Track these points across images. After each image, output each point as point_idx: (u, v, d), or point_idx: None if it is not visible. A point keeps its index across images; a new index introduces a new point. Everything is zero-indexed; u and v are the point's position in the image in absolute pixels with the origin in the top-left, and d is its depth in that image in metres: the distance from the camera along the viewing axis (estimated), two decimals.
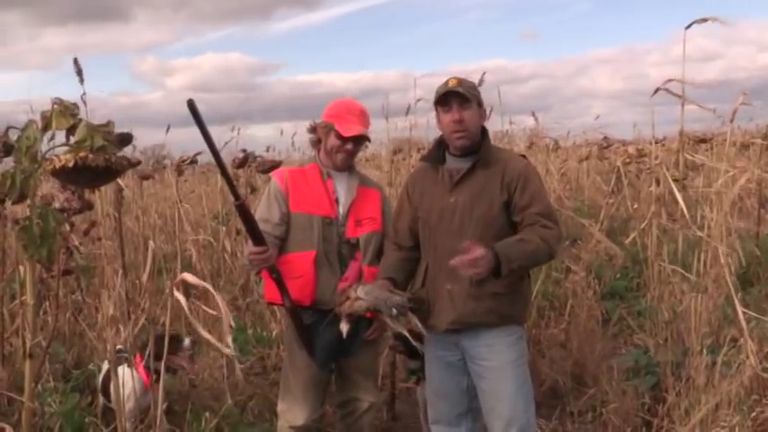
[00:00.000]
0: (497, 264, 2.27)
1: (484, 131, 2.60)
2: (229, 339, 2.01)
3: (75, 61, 2.78)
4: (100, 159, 1.53)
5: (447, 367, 2.61)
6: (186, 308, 1.91)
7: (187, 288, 2.51)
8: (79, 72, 2.78)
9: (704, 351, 3.04)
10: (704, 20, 3.26)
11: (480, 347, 2.50)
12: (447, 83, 2.51)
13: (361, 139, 2.78)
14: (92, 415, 3.17)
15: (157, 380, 2.46)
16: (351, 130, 2.70)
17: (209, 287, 1.99)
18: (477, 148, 2.53)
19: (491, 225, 2.44)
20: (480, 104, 2.58)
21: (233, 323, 2.48)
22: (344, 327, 2.53)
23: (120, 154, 1.60)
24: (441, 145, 2.62)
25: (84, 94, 2.81)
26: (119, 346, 2.59)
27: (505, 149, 2.86)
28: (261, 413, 3.57)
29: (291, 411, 2.80)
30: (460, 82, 2.51)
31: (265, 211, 2.75)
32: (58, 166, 1.53)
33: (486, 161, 2.50)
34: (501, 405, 2.47)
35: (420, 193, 2.63)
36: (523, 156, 2.69)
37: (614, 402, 3.39)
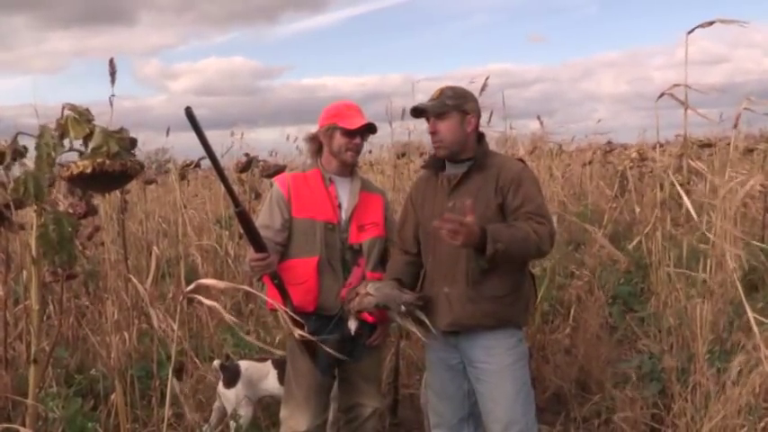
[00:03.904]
0: (483, 242, 2.23)
1: (481, 137, 2.61)
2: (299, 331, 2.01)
3: (111, 62, 2.74)
4: (117, 165, 1.54)
5: (448, 370, 2.62)
6: (226, 315, 1.88)
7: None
8: (113, 73, 2.75)
9: (713, 357, 3.02)
10: (710, 23, 3.20)
11: (478, 350, 2.50)
12: (433, 94, 2.56)
13: (366, 132, 2.77)
14: (94, 420, 3.17)
15: None
16: (356, 123, 2.70)
17: (246, 287, 1.98)
18: (474, 153, 2.55)
19: None
20: (466, 112, 2.54)
21: (297, 318, 2.51)
22: (353, 324, 2.53)
23: (133, 158, 1.60)
24: None
25: (113, 95, 2.78)
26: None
27: (502, 154, 2.87)
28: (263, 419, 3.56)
29: (294, 417, 2.79)
30: (441, 92, 2.54)
31: (267, 217, 2.74)
32: (75, 173, 1.54)
33: (482, 166, 2.52)
34: (498, 408, 2.46)
35: (421, 201, 2.66)
36: (521, 160, 2.69)
37: (620, 409, 3.37)
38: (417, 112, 2.56)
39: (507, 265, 2.41)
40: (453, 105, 2.51)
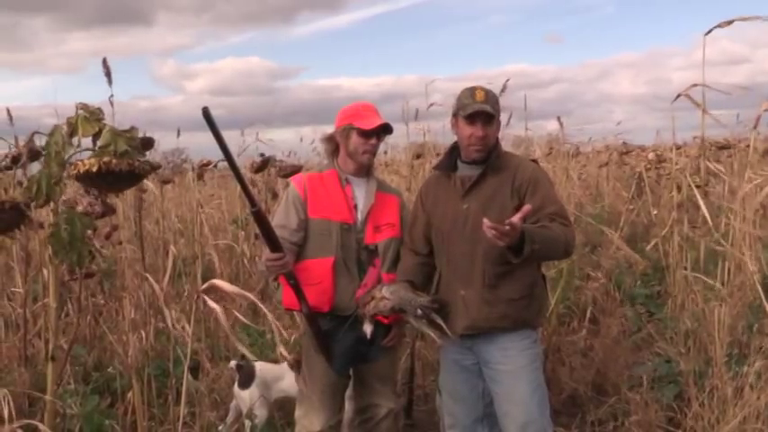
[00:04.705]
0: (521, 242, 2.22)
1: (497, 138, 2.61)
2: (282, 349, 2.04)
3: (104, 62, 2.77)
4: (123, 164, 1.55)
5: (462, 371, 2.61)
6: (223, 320, 1.91)
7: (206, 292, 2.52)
8: (108, 73, 2.78)
9: (732, 361, 2.98)
10: (729, 22, 3.16)
11: (494, 351, 2.50)
12: (474, 95, 2.49)
13: (382, 133, 2.76)
14: (111, 417, 3.19)
15: None
16: (372, 123, 2.70)
17: (252, 297, 1.99)
18: (488, 155, 2.53)
19: None
20: (498, 117, 2.58)
21: (285, 334, 2.51)
22: (368, 327, 2.53)
23: (143, 158, 1.61)
24: (453, 152, 2.62)
25: (112, 96, 2.82)
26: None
27: (516, 155, 2.85)
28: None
29: (308, 417, 2.80)
30: (487, 96, 2.50)
31: (283, 217, 2.75)
32: (82, 171, 1.55)
33: (497, 167, 2.50)
34: (516, 409, 2.46)
35: (433, 201, 2.64)
36: (534, 160, 2.68)
37: (636, 412, 3.34)
38: (482, 114, 2.46)
39: (525, 267, 2.40)
40: (498, 111, 2.54)
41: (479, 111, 2.46)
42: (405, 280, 2.58)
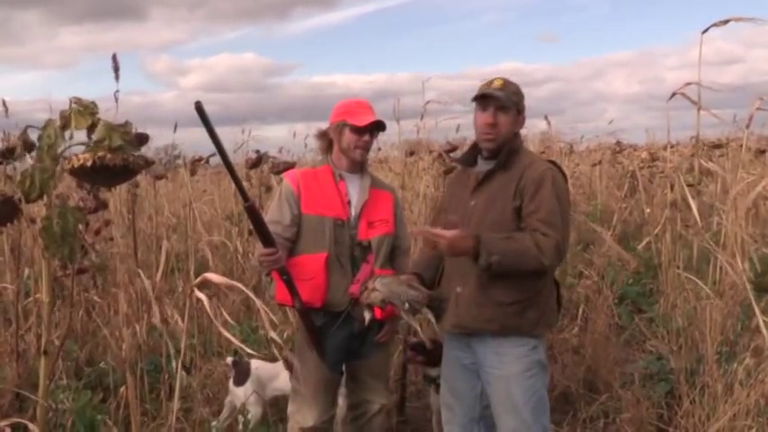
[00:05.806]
0: (477, 250, 2.21)
1: (516, 135, 2.53)
2: (274, 334, 2.05)
3: (114, 58, 2.76)
4: (118, 159, 1.53)
5: (462, 369, 2.57)
6: (210, 310, 1.91)
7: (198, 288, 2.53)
8: (116, 69, 2.77)
9: (722, 359, 3.01)
10: (725, 22, 3.16)
11: (489, 355, 2.45)
12: (491, 82, 2.46)
13: (375, 129, 2.76)
14: (104, 413, 3.19)
15: None
16: (366, 120, 2.70)
17: (242, 287, 1.99)
18: (500, 149, 2.47)
19: (503, 231, 2.35)
20: (520, 111, 2.49)
21: (275, 319, 2.50)
22: (367, 315, 2.51)
23: (138, 153, 1.60)
24: (475, 147, 2.58)
25: (118, 91, 2.79)
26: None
27: (533, 154, 2.74)
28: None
29: (301, 413, 2.80)
30: (505, 85, 2.45)
31: (276, 212, 2.75)
32: (76, 165, 1.54)
33: (507, 165, 2.43)
34: (506, 416, 2.42)
35: (450, 196, 2.64)
36: (552, 161, 2.56)
37: (627, 410, 3.36)
38: (484, 97, 2.44)
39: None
40: (516, 102, 2.46)
41: (487, 94, 2.41)
42: (413, 273, 2.55)
